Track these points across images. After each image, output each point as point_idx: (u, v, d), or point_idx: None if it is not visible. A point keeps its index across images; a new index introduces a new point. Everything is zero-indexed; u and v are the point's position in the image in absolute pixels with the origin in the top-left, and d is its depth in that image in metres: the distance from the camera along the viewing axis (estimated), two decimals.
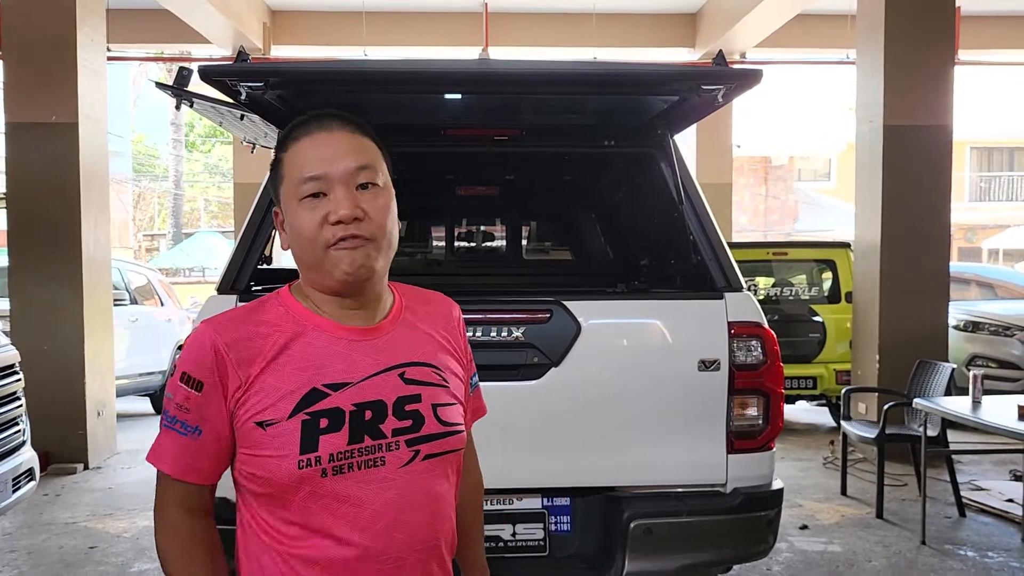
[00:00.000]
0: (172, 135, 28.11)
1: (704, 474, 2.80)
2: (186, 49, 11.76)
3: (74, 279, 6.29)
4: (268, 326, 1.32)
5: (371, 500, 1.26)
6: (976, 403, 4.46)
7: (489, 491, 1.70)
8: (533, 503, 2.83)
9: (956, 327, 7.70)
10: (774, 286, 8.06)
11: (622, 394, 2.81)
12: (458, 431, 1.37)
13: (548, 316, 2.78)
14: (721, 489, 2.81)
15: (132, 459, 6.63)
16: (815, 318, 7.64)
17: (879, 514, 5.01)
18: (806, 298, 7.96)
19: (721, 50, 3.13)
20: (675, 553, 2.75)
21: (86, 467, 6.30)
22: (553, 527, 2.83)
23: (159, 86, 4.07)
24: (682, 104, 3.01)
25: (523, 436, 2.76)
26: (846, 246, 7.70)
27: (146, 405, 9.18)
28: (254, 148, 5.23)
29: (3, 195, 7.36)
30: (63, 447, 6.19)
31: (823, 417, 8.37)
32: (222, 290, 2.83)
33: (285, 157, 1.34)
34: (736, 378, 2.78)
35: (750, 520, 2.80)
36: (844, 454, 5.64)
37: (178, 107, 3.80)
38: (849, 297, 7.24)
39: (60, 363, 6.20)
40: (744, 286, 2.93)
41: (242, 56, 2.76)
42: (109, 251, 6.84)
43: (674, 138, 3.29)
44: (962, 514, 5.03)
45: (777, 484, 2.89)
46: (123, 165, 23.83)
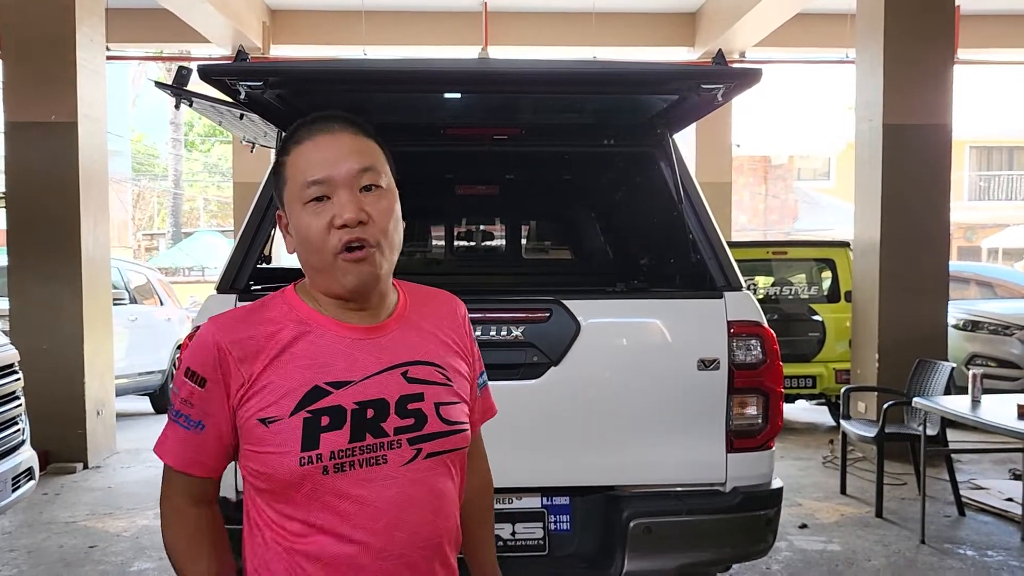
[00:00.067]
0: (171, 134, 28.12)
1: (703, 473, 2.81)
2: (185, 48, 11.77)
3: (73, 278, 6.28)
4: (272, 324, 1.32)
5: (373, 498, 1.27)
6: (975, 402, 4.46)
7: None
8: (532, 502, 2.83)
9: (955, 326, 7.71)
10: (773, 285, 8.05)
11: (621, 393, 2.81)
12: (461, 430, 1.37)
13: (547, 315, 2.78)
14: (720, 488, 2.81)
15: (132, 458, 6.63)
16: (814, 317, 7.64)
17: (878, 513, 5.01)
18: (805, 297, 7.95)
19: (720, 49, 3.12)
20: (675, 552, 2.75)
21: (85, 466, 6.30)
22: (553, 526, 2.83)
23: (158, 85, 4.08)
24: (681, 103, 3.01)
25: (523, 435, 2.75)
26: (845, 245, 7.69)
27: (145, 404, 9.18)
28: (253, 147, 5.24)
29: (2, 194, 7.37)
30: (62, 446, 6.19)
31: (822, 416, 8.37)
32: (221, 289, 2.84)
33: (288, 160, 1.33)
34: (735, 377, 2.78)
35: (749, 519, 2.80)
36: (843, 453, 5.63)
37: (177, 106, 3.80)
38: (848, 296, 7.24)
39: (59, 362, 6.19)
40: (743, 285, 2.93)
41: (241, 55, 2.76)
42: (108, 250, 6.83)
43: (673, 137, 3.29)
44: (961, 513, 5.03)
45: (776, 483, 2.89)
46: (122, 164, 23.82)
